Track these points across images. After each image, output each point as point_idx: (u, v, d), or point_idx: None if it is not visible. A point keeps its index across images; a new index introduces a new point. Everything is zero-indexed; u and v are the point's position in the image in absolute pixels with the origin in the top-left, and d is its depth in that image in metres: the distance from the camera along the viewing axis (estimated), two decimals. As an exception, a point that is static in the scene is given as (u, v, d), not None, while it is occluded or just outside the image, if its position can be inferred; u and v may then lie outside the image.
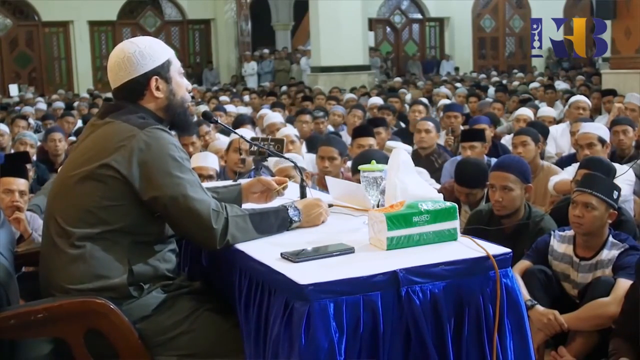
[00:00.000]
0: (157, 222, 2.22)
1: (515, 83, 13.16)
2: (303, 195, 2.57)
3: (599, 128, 4.76)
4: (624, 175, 4.13)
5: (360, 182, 2.41)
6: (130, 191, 2.12)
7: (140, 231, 2.19)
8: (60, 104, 11.40)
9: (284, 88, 13.82)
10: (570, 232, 3.31)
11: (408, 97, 11.15)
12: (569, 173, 4.31)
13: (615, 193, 3.22)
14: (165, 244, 2.27)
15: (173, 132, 2.29)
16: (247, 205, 2.61)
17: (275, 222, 2.27)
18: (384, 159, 2.44)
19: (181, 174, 2.13)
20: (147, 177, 2.11)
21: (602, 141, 4.63)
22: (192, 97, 10.95)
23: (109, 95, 2.34)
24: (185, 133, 2.33)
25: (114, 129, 2.17)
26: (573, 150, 5.42)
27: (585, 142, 4.61)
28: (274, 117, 6.69)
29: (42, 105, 11.55)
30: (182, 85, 2.31)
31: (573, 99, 6.82)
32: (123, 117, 2.19)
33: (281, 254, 2.00)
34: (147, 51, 2.23)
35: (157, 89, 2.25)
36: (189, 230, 2.18)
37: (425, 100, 9.24)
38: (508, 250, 2.01)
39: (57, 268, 2.17)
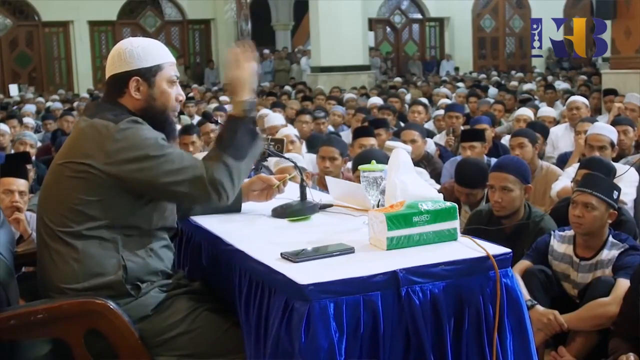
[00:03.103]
0: (142, 213, 2.22)
1: (515, 83, 13.15)
2: (303, 195, 2.57)
3: (611, 132, 4.70)
4: (629, 178, 4.13)
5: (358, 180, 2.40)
6: (111, 183, 2.13)
7: (127, 224, 2.19)
8: (58, 105, 11.40)
9: (288, 88, 13.80)
10: (570, 232, 3.31)
11: (408, 97, 11.16)
12: (569, 175, 4.30)
13: (615, 193, 3.22)
14: (157, 239, 2.27)
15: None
16: (247, 204, 2.61)
17: (242, 134, 2.22)
18: (384, 158, 2.44)
19: (162, 151, 2.14)
20: (132, 167, 2.12)
21: (612, 145, 4.62)
22: (192, 98, 10.99)
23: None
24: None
25: (90, 126, 2.19)
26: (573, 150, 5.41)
27: (598, 145, 4.57)
28: (275, 118, 6.68)
29: (31, 107, 11.35)
30: (167, 94, 2.28)
31: (570, 99, 6.83)
32: (99, 114, 2.21)
33: (281, 254, 2.00)
34: (137, 51, 2.25)
35: (138, 90, 2.25)
36: (188, 198, 2.20)
37: (425, 100, 9.24)
38: (508, 250, 2.01)
39: (52, 268, 2.17)
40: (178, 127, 7.10)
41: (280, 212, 2.51)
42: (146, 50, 2.26)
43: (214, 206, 2.34)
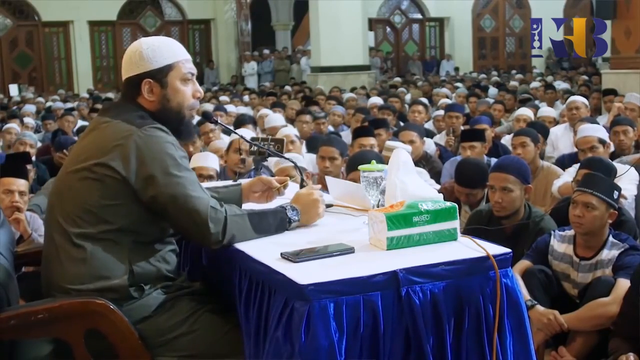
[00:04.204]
0: (157, 222, 2.21)
1: (515, 83, 13.15)
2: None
3: (597, 130, 4.74)
4: (629, 176, 4.13)
5: (353, 182, 2.40)
6: (129, 190, 2.12)
7: (141, 231, 2.18)
8: (59, 104, 11.39)
9: (288, 88, 13.79)
10: (570, 232, 3.31)
11: (408, 97, 11.16)
12: (571, 174, 4.30)
13: (616, 193, 3.22)
14: (166, 244, 2.27)
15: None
16: (247, 205, 2.61)
17: (274, 222, 2.27)
18: (378, 160, 2.44)
19: (179, 172, 2.13)
20: (145, 177, 2.11)
21: (602, 142, 4.63)
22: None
23: (109, 95, 2.39)
24: (181, 140, 2.28)
25: (113, 128, 2.17)
26: (574, 150, 5.40)
27: (587, 146, 4.59)
28: (275, 119, 6.68)
29: (30, 107, 11.31)
30: (182, 92, 2.26)
31: (569, 99, 6.83)
32: (122, 116, 2.19)
33: (281, 254, 2.00)
34: (147, 53, 2.22)
35: (151, 92, 2.23)
36: (188, 229, 2.18)
37: (425, 100, 9.25)
38: (508, 250, 2.00)
39: (58, 268, 2.16)
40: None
41: (280, 212, 2.50)
42: (156, 51, 2.23)
43: (202, 243, 2.26)
